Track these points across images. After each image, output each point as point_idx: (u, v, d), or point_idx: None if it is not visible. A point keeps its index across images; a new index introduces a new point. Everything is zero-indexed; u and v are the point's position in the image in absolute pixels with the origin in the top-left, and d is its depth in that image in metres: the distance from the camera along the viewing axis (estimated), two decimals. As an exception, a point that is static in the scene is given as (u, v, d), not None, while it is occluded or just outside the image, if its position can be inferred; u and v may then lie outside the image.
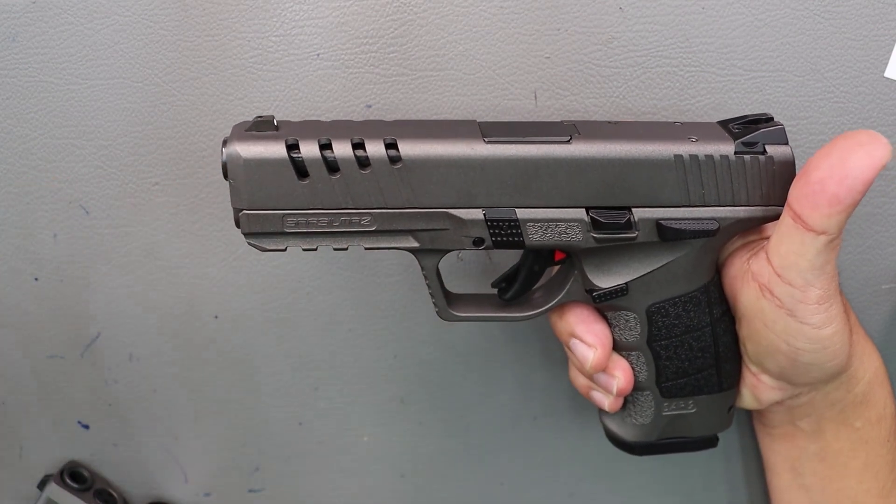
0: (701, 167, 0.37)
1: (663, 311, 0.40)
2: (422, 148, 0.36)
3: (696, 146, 0.37)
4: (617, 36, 0.43)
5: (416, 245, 0.38)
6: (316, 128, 0.37)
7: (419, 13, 0.43)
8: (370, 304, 0.50)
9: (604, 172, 0.37)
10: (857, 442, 0.43)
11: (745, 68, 0.43)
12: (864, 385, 0.42)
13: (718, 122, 0.39)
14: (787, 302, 0.37)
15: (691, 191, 0.37)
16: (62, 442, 0.54)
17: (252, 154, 0.35)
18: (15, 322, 0.50)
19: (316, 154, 0.35)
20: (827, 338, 0.37)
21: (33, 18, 0.43)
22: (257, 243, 0.37)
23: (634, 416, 0.44)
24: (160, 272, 0.49)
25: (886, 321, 0.49)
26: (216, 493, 0.56)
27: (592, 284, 0.40)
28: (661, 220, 0.37)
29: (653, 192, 0.37)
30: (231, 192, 0.36)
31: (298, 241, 0.37)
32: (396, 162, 0.36)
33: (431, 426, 0.54)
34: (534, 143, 0.36)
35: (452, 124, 0.38)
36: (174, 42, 0.43)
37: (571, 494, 0.55)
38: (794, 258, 0.36)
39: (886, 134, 0.44)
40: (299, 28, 0.43)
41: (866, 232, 0.47)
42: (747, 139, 0.37)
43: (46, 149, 0.46)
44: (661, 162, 0.36)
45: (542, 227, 0.38)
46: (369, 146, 0.36)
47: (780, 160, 0.37)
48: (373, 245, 0.38)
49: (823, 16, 0.42)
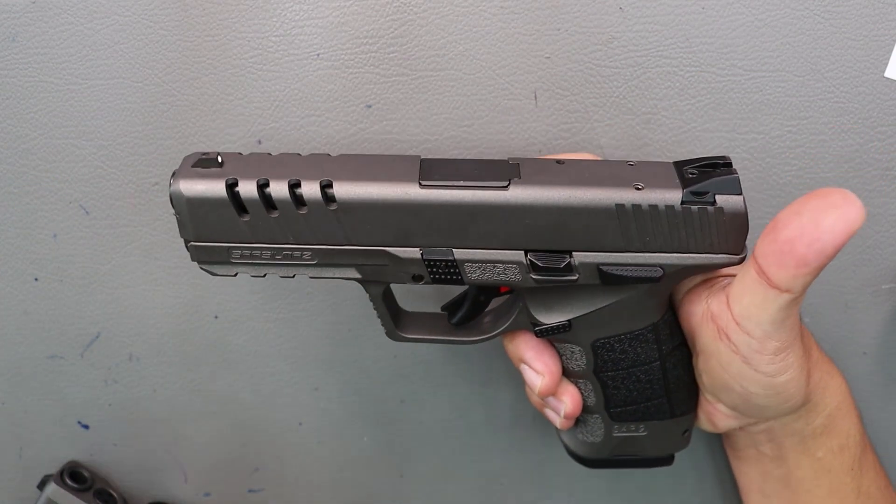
0: (644, 216, 0.35)
1: (608, 346, 0.40)
2: (356, 190, 0.36)
3: (640, 195, 0.35)
4: (617, 36, 0.43)
5: (359, 276, 0.38)
6: (259, 164, 0.37)
7: (419, 13, 0.43)
8: (370, 304, 0.50)
9: (542, 218, 0.36)
10: (819, 471, 0.43)
11: (745, 68, 0.43)
12: (824, 417, 0.42)
13: (675, 163, 0.37)
14: (744, 350, 0.36)
15: (634, 237, 0.36)
16: (62, 442, 0.54)
17: (194, 193, 0.36)
18: (15, 322, 0.50)
19: (254, 193, 0.36)
20: (780, 384, 0.37)
21: (33, 18, 0.43)
22: (209, 269, 0.38)
23: (585, 435, 0.45)
24: (160, 272, 0.49)
25: (886, 321, 0.49)
26: (216, 493, 0.56)
27: (536, 319, 0.40)
28: (602, 264, 0.36)
29: (593, 238, 0.36)
30: (178, 224, 0.37)
31: (246, 269, 0.38)
32: (331, 202, 0.36)
33: (431, 426, 0.53)
34: (469, 189, 0.36)
35: (393, 162, 0.37)
36: (174, 42, 0.43)
37: (571, 494, 0.55)
38: (755, 310, 0.35)
39: (886, 134, 0.44)
40: (299, 28, 0.43)
41: (866, 232, 0.47)
42: (696, 188, 0.35)
43: (46, 149, 0.46)
44: (601, 210, 0.35)
45: (480, 267, 0.37)
46: (305, 186, 0.36)
47: (731, 211, 0.35)
48: (317, 275, 0.38)
49: (823, 16, 0.42)
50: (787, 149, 0.45)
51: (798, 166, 0.45)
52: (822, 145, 0.45)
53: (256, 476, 0.55)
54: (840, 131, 0.44)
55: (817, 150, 0.45)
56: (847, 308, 0.48)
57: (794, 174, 0.45)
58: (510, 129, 0.45)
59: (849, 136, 0.44)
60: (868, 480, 0.45)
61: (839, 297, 0.48)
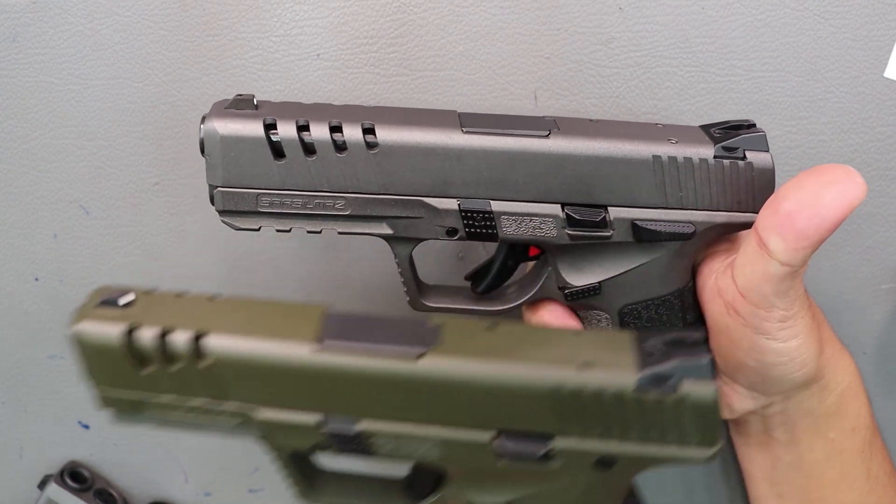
0: (679, 169, 0.36)
1: (636, 314, 0.40)
2: (399, 134, 0.36)
3: (675, 148, 0.36)
4: (617, 36, 0.43)
5: (390, 232, 0.38)
6: (295, 109, 0.37)
7: (419, 13, 0.43)
8: (370, 304, 0.50)
9: (580, 169, 0.36)
10: (831, 453, 0.43)
11: (745, 68, 0.43)
12: (836, 396, 0.42)
13: (700, 126, 0.39)
14: (751, 320, 0.37)
15: (668, 192, 0.37)
16: (62, 442, 0.54)
17: (229, 131, 0.35)
18: (15, 322, 0.50)
19: (293, 135, 0.35)
20: (794, 349, 0.37)
21: (33, 18, 0.43)
22: (231, 221, 0.37)
23: None
24: (160, 272, 0.49)
25: (886, 321, 0.49)
26: (216, 493, 0.56)
27: (565, 282, 0.40)
28: (637, 220, 0.37)
29: (629, 192, 0.37)
30: (207, 168, 0.36)
31: (272, 221, 0.37)
32: (373, 147, 0.36)
33: (431, 426, 0.53)
34: (511, 136, 0.36)
35: (433, 113, 0.38)
36: (174, 42, 0.43)
37: (571, 494, 0.55)
38: (757, 281, 0.35)
39: (886, 134, 0.44)
40: (299, 28, 0.43)
41: (866, 232, 0.47)
42: (728, 144, 0.36)
43: (46, 149, 0.46)
44: (639, 161, 0.36)
45: (517, 221, 0.37)
46: (347, 130, 0.35)
47: (760, 167, 0.36)
48: (346, 230, 0.37)
49: (823, 16, 0.42)
50: (787, 149, 0.45)
51: (798, 166, 0.45)
52: (822, 145, 0.45)
53: (256, 476, 0.55)
54: (840, 131, 0.44)
55: (817, 150, 0.45)
56: (847, 308, 0.48)
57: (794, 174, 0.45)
58: (510, 129, 0.45)
59: (849, 136, 0.44)
60: (877, 464, 0.45)
61: (839, 297, 0.48)
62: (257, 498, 0.56)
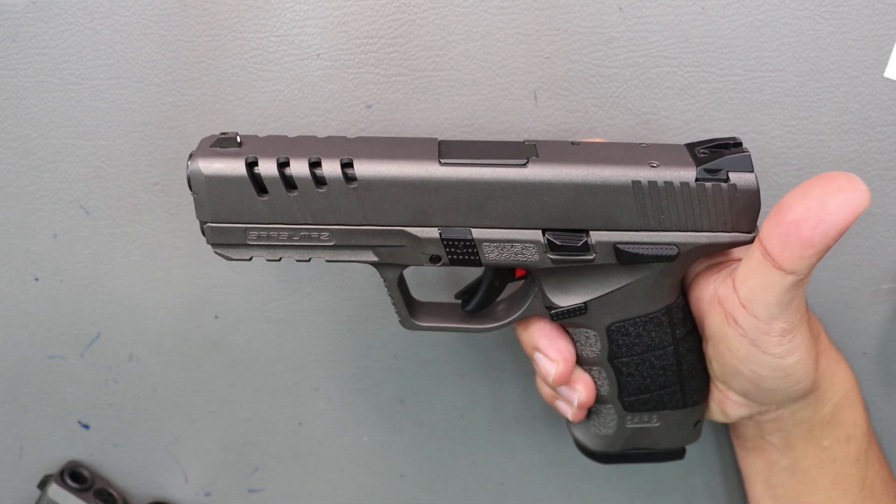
0: (660, 193, 0.36)
1: (623, 330, 0.40)
2: (377, 168, 0.36)
3: (655, 172, 0.36)
4: (617, 36, 0.43)
5: (375, 259, 0.38)
6: (278, 144, 0.37)
7: (419, 13, 0.43)
8: (370, 304, 0.50)
9: (559, 196, 0.36)
10: (825, 460, 0.43)
11: (745, 68, 0.43)
12: (831, 406, 0.42)
13: (686, 145, 0.38)
14: (751, 332, 0.37)
15: (650, 215, 0.36)
16: (62, 442, 0.54)
17: (213, 171, 0.36)
18: (15, 322, 0.50)
19: (274, 172, 0.36)
20: (789, 366, 0.37)
21: (33, 18, 0.43)
22: (223, 253, 0.38)
23: (598, 427, 0.45)
24: (160, 272, 0.49)
25: (886, 321, 0.49)
26: (216, 493, 0.56)
27: (551, 302, 0.40)
28: (619, 243, 0.37)
29: (610, 216, 0.36)
30: (195, 204, 0.37)
31: (262, 252, 0.38)
32: (352, 181, 0.36)
33: (431, 426, 0.54)
34: (489, 166, 0.36)
35: (413, 143, 0.38)
36: (174, 42, 0.43)
37: (571, 494, 0.55)
38: (760, 292, 0.35)
39: (886, 134, 0.44)
40: (299, 28, 0.43)
41: (866, 232, 0.47)
42: (710, 166, 0.36)
43: (46, 149, 0.46)
44: (618, 187, 0.36)
45: (498, 247, 0.38)
46: (325, 165, 0.36)
47: (744, 188, 0.36)
48: (334, 258, 0.38)
49: (823, 16, 0.42)
50: (787, 149, 0.45)
51: (798, 166, 0.45)
52: (822, 145, 0.45)
53: (256, 476, 0.55)
54: (840, 131, 0.44)
55: (817, 150, 0.45)
56: (847, 308, 0.48)
57: (794, 174, 0.45)
58: (510, 129, 0.45)
59: (849, 136, 0.44)
60: (873, 472, 0.45)
61: (839, 297, 0.48)
62: (257, 498, 0.56)
